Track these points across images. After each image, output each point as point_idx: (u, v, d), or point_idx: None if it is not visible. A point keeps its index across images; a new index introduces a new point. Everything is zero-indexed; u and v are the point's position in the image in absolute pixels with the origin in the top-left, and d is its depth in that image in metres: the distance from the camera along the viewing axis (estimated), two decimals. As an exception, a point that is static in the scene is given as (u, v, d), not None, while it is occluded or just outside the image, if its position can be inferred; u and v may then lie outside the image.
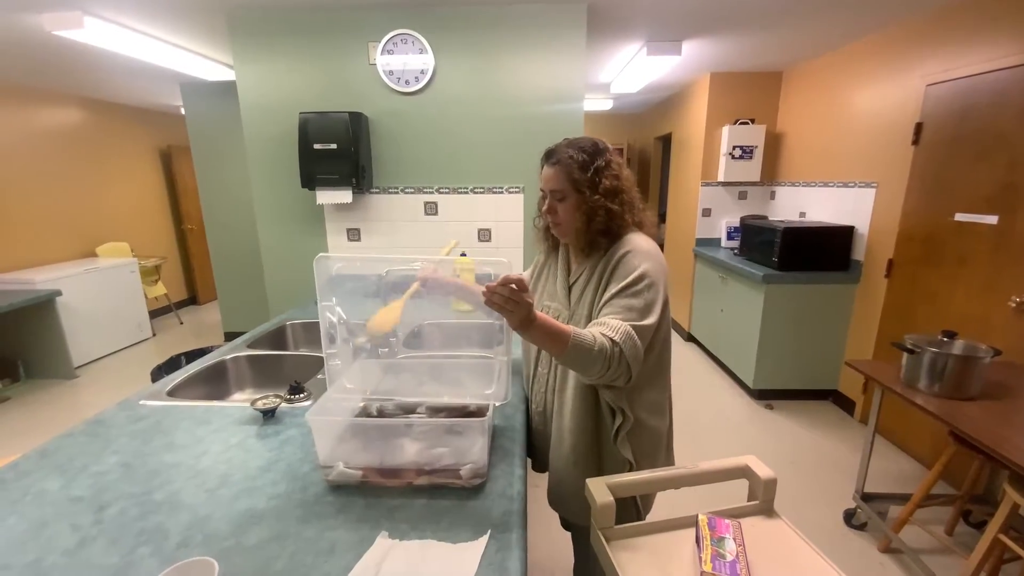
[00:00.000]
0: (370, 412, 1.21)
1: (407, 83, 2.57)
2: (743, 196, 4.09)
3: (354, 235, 2.80)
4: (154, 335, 4.71)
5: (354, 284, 1.39)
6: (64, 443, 1.16)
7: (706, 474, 0.95)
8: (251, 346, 1.83)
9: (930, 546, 1.96)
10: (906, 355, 1.78)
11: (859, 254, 3.00)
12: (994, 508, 1.60)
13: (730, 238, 4.08)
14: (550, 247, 1.29)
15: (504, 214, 2.74)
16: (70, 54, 3.03)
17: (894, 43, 2.72)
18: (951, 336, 1.75)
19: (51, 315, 3.58)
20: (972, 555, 1.57)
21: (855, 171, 3.03)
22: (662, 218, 5.28)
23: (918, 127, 2.53)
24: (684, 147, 4.48)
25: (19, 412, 3.25)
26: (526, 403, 1.35)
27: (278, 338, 2.03)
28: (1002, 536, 1.52)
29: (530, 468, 1.27)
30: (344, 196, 2.58)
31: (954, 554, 1.90)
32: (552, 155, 1.13)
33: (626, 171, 1.15)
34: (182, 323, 5.18)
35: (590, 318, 1.10)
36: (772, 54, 3.33)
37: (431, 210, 2.75)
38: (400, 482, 0.98)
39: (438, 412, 1.20)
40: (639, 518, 1.19)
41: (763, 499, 0.93)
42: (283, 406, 1.32)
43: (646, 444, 1.14)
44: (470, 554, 0.80)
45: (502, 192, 2.71)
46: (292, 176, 2.59)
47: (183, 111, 4.26)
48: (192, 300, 5.86)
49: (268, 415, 1.28)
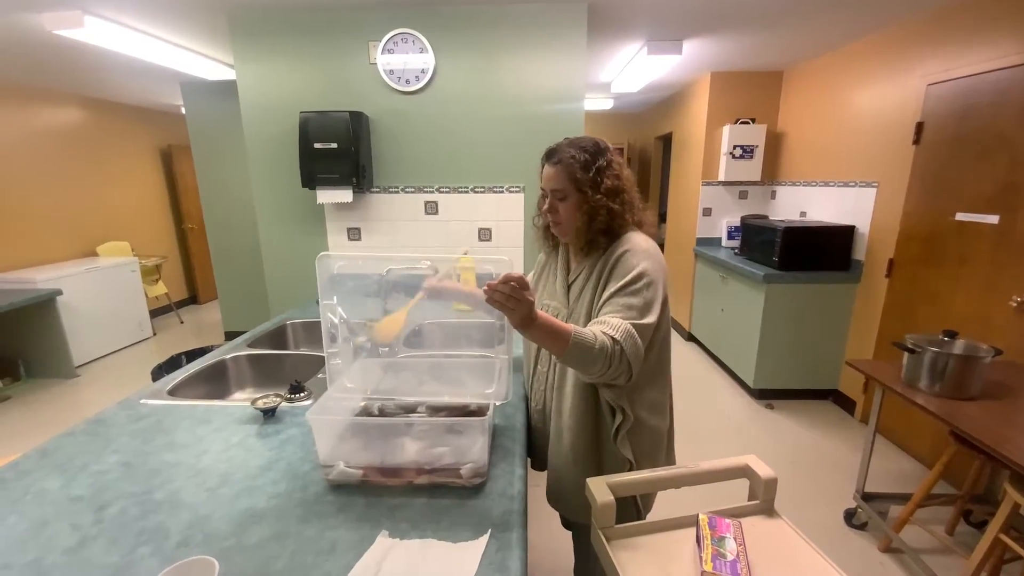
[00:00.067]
0: (371, 411, 1.21)
1: (407, 82, 2.57)
2: (744, 196, 4.09)
3: (354, 234, 2.80)
4: (155, 334, 4.72)
5: (355, 283, 1.39)
6: (64, 442, 1.16)
7: (706, 474, 0.95)
8: (251, 345, 1.83)
9: (931, 546, 1.96)
10: (907, 355, 1.78)
11: (860, 254, 3.00)
12: (995, 508, 1.60)
13: (731, 238, 4.08)
14: (550, 247, 1.29)
15: (505, 213, 2.74)
16: (70, 53, 3.03)
17: (895, 43, 2.71)
18: (952, 336, 1.75)
19: (52, 314, 3.58)
20: (973, 555, 1.57)
21: (856, 171, 3.03)
22: (663, 218, 5.28)
23: (919, 127, 2.53)
24: (685, 147, 4.48)
25: (20, 411, 3.25)
26: (526, 402, 1.35)
27: (278, 337, 2.04)
28: (1003, 536, 1.52)
29: (529, 467, 1.27)
30: (344, 195, 2.58)
31: (955, 554, 1.90)
32: (553, 154, 1.12)
33: (626, 171, 1.15)
34: (183, 322, 5.18)
35: (589, 317, 1.10)
36: (773, 54, 3.33)
37: (432, 209, 2.75)
38: (400, 481, 0.98)
39: (438, 411, 1.20)
40: (639, 518, 1.19)
41: (764, 499, 0.93)
42: (283, 405, 1.32)
43: (646, 443, 1.14)
44: (470, 553, 0.80)
45: (503, 191, 2.71)
46: (292, 175, 2.59)
47: (183, 110, 4.26)
48: (193, 299, 5.87)
49: (268, 414, 1.28)
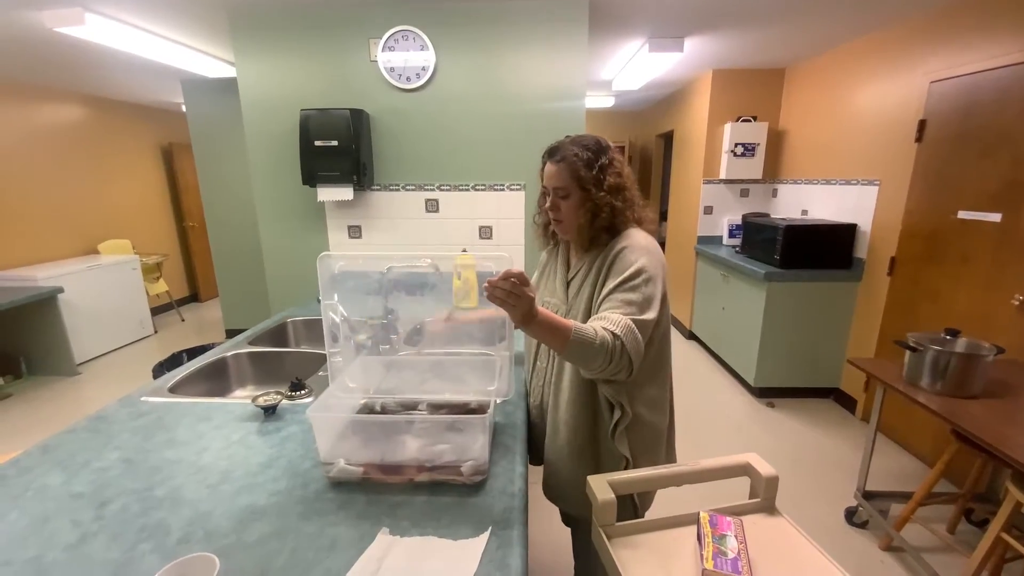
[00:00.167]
0: (373, 408, 1.21)
1: (408, 80, 2.57)
2: (745, 194, 4.08)
3: (355, 232, 2.80)
4: (156, 332, 4.72)
5: (356, 282, 1.39)
6: (66, 439, 1.16)
7: (707, 472, 0.95)
8: (252, 343, 1.84)
9: (932, 544, 1.96)
10: (908, 353, 1.77)
11: (861, 252, 2.99)
12: (996, 507, 1.60)
13: (732, 236, 4.07)
14: (551, 245, 1.29)
15: (505, 211, 2.74)
16: (71, 51, 3.02)
17: (897, 40, 2.70)
18: (954, 334, 1.74)
19: (53, 312, 3.59)
20: (974, 553, 1.56)
21: (858, 168, 3.02)
22: (664, 216, 5.27)
23: (921, 124, 2.52)
24: (686, 145, 4.47)
25: (21, 408, 3.26)
26: (526, 400, 1.35)
27: (279, 335, 2.04)
28: (1004, 535, 1.51)
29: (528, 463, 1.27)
30: (345, 193, 2.57)
31: (956, 552, 1.90)
32: (555, 152, 1.12)
33: (627, 168, 1.16)
34: (183, 320, 5.19)
35: (588, 313, 1.10)
36: (775, 51, 3.32)
37: (432, 207, 2.75)
38: (401, 479, 0.98)
39: (439, 409, 1.20)
40: (636, 516, 1.19)
41: (764, 497, 0.93)
42: (284, 403, 1.32)
43: (645, 440, 1.14)
44: (471, 551, 0.80)
45: (503, 189, 2.71)
46: (293, 173, 2.59)
47: (184, 108, 4.26)
48: (193, 297, 5.87)
49: (269, 412, 1.28)
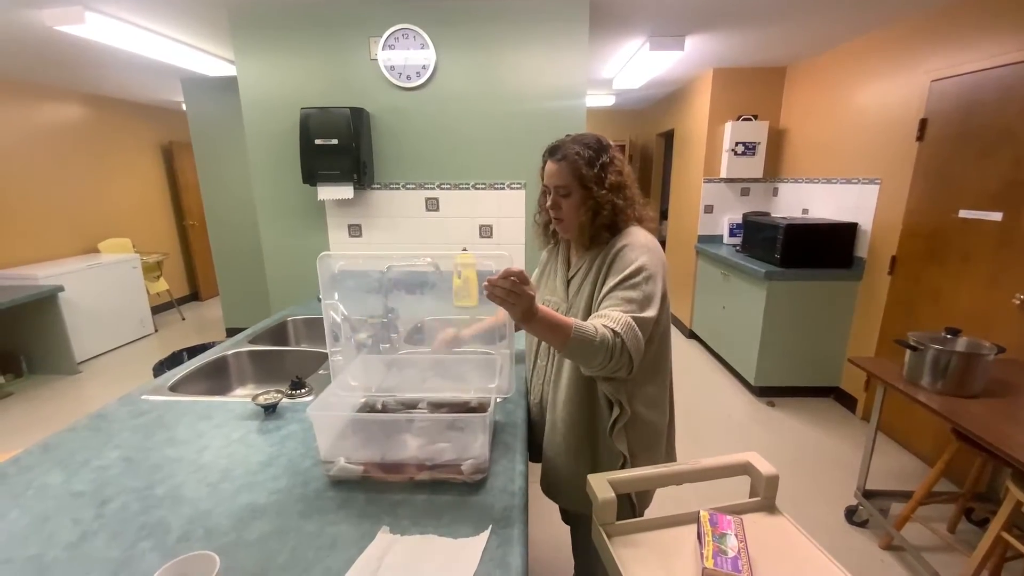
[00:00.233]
0: (373, 407, 1.21)
1: (408, 78, 2.56)
2: (745, 193, 4.07)
3: (355, 231, 2.80)
4: (156, 331, 4.72)
5: (356, 281, 1.39)
6: (66, 438, 1.16)
7: (708, 470, 0.95)
8: (252, 342, 1.84)
9: (932, 543, 1.96)
10: (909, 352, 1.77)
11: (862, 251, 2.99)
12: (996, 506, 1.60)
13: (732, 235, 4.07)
14: (551, 243, 1.29)
15: (506, 210, 2.73)
16: (71, 50, 3.02)
17: (898, 39, 2.70)
18: (954, 333, 1.74)
19: (53, 311, 3.59)
20: (974, 553, 1.56)
21: (859, 167, 3.01)
22: (664, 215, 5.27)
23: (922, 123, 2.52)
24: (686, 143, 4.46)
25: (22, 407, 3.26)
26: (527, 398, 1.35)
27: (279, 334, 2.04)
28: (1005, 534, 1.51)
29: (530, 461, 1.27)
30: (345, 192, 2.57)
31: (956, 552, 1.90)
32: (557, 151, 1.12)
33: (627, 167, 1.16)
34: (184, 319, 5.19)
35: (588, 311, 1.10)
36: (776, 50, 3.31)
37: (432, 206, 2.75)
38: (401, 477, 0.98)
39: (439, 408, 1.20)
40: (634, 514, 1.19)
41: (765, 496, 0.93)
42: (284, 401, 1.32)
43: (644, 438, 1.14)
44: (471, 549, 0.80)
45: (504, 188, 2.70)
46: (293, 172, 2.59)
47: (184, 107, 4.26)
48: (194, 296, 5.87)
49: (269, 410, 1.28)
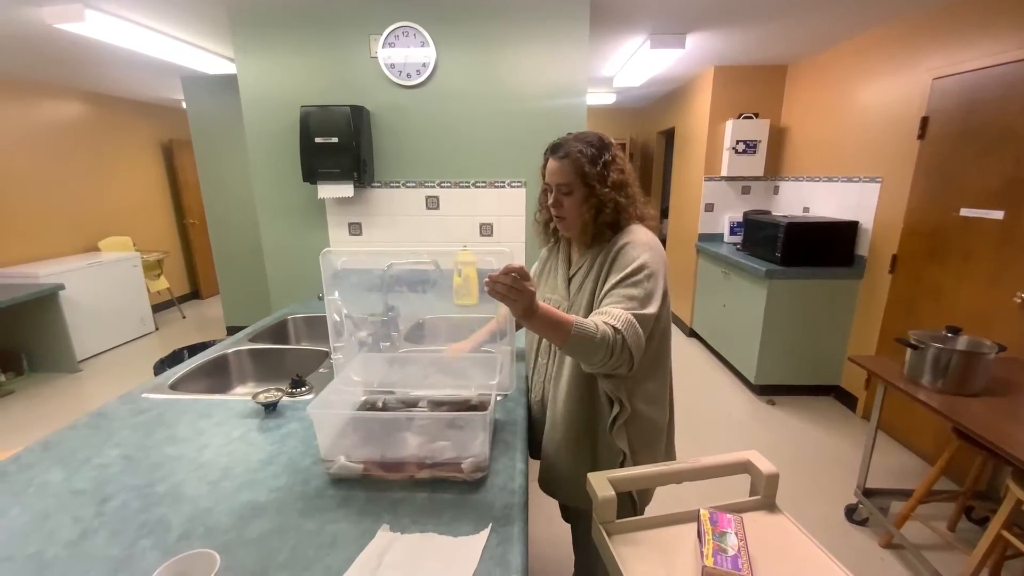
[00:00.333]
0: (374, 405, 1.21)
1: (408, 76, 2.56)
2: (746, 191, 4.07)
3: (355, 229, 2.80)
4: (157, 329, 4.73)
5: (357, 279, 1.39)
6: (67, 436, 1.16)
7: (708, 469, 0.95)
8: (253, 340, 1.84)
9: (932, 542, 1.96)
10: (910, 351, 1.77)
11: (863, 249, 2.98)
12: (997, 504, 1.60)
13: (733, 233, 4.06)
14: (551, 241, 1.29)
15: (506, 208, 2.73)
16: (71, 47, 3.02)
17: (900, 37, 2.69)
18: (955, 332, 1.74)
19: (54, 309, 3.59)
20: (975, 551, 1.56)
21: (860, 166, 3.01)
22: (664, 213, 5.26)
23: (924, 121, 2.51)
24: (687, 142, 4.45)
25: (22, 405, 3.26)
26: (527, 397, 1.35)
27: (279, 332, 2.04)
28: (1005, 532, 1.51)
29: (530, 460, 1.27)
30: (345, 190, 2.57)
31: (956, 550, 1.90)
32: (559, 149, 1.12)
33: (628, 165, 1.16)
34: (184, 317, 5.19)
35: (590, 309, 1.10)
36: (777, 47, 3.31)
37: (432, 204, 2.74)
38: (402, 476, 0.98)
39: (440, 406, 1.20)
40: (635, 511, 1.20)
41: (765, 494, 0.93)
42: (285, 400, 1.32)
43: (644, 435, 1.14)
44: (471, 547, 0.80)
45: (504, 186, 2.70)
46: (293, 170, 2.59)
47: (184, 105, 4.25)
48: (194, 294, 5.87)
49: (270, 409, 1.28)
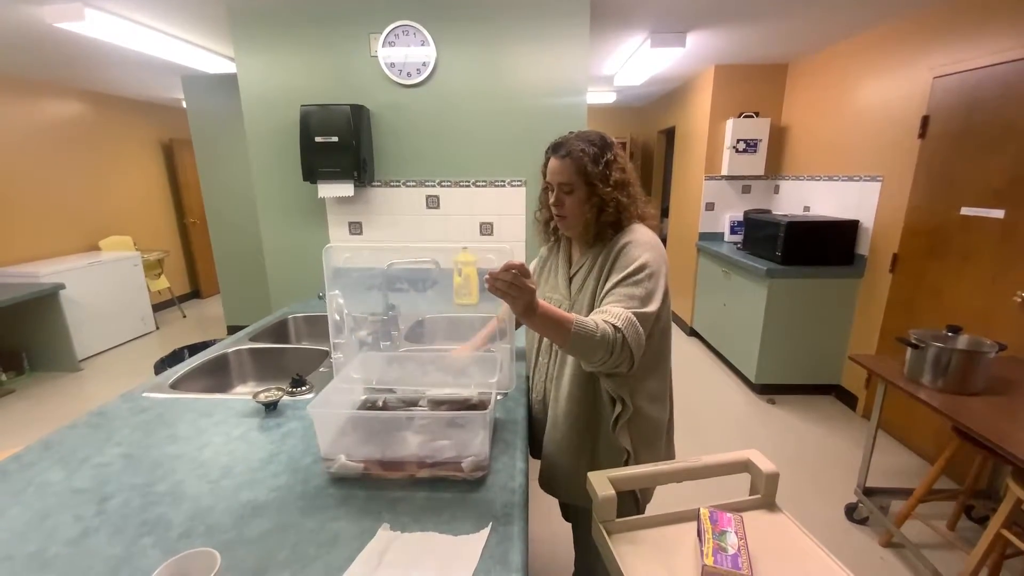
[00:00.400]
0: (376, 404, 1.21)
1: (409, 75, 2.56)
2: (747, 190, 4.06)
3: (356, 228, 2.80)
4: (157, 328, 4.73)
5: (357, 277, 1.39)
6: (67, 435, 1.16)
7: (708, 468, 0.95)
8: (253, 339, 1.84)
9: (932, 541, 1.96)
10: (910, 350, 1.77)
11: (863, 248, 2.98)
12: (997, 503, 1.60)
13: (733, 232, 4.06)
14: (551, 240, 1.29)
15: (506, 208, 2.73)
16: (71, 47, 3.02)
17: (901, 35, 2.69)
18: (956, 331, 1.74)
19: (55, 308, 3.59)
20: (975, 550, 1.56)
21: (860, 165, 3.01)
22: (665, 212, 5.26)
23: (924, 120, 2.51)
24: (687, 141, 4.45)
25: (23, 404, 3.27)
26: (527, 396, 1.35)
27: (280, 331, 2.04)
28: (1005, 531, 1.51)
29: (531, 459, 1.27)
30: (346, 189, 2.57)
31: (956, 549, 1.90)
32: (560, 147, 1.12)
33: (629, 164, 1.16)
34: (185, 316, 5.19)
35: (591, 308, 1.10)
36: (777, 46, 3.30)
37: (433, 203, 2.74)
38: (402, 475, 0.98)
39: (440, 405, 1.20)
40: (638, 510, 1.20)
41: (765, 493, 0.93)
42: (285, 399, 1.32)
43: (645, 433, 1.15)
44: (472, 546, 0.80)
45: (504, 185, 2.70)
46: (294, 169, 2.59)
47: (184, 104, 4.25)
48: (195, 294, 5.88)
49: (270, 408, 1.28)
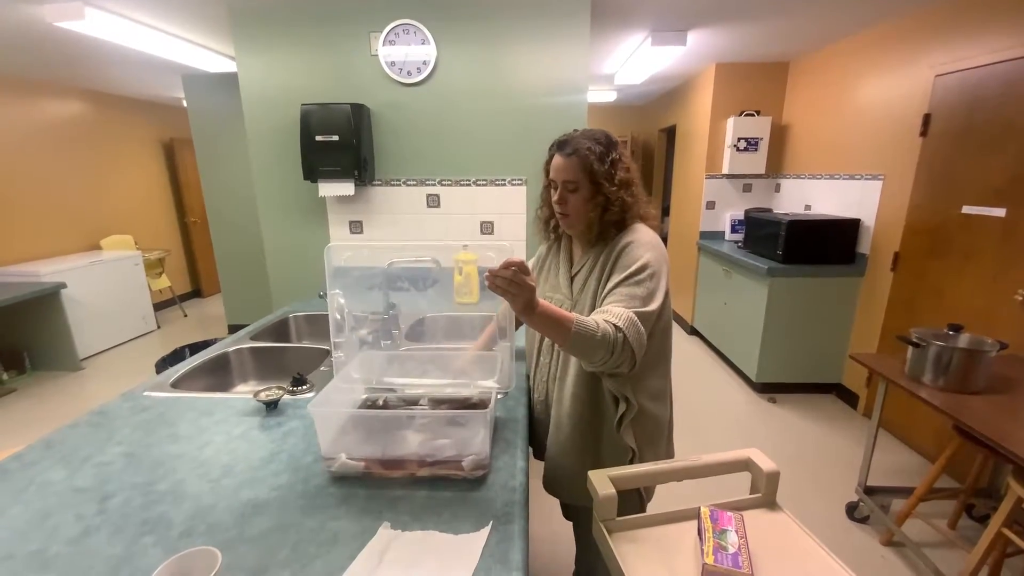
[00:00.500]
0: (375, 403, 1.21)
1: (409, 74, 2.55)
2: (748, 189, 4.06)
3: (356, 227, 2.80)
4: (158, 327, 4.74)
5: (359, 274, 1.39)
6: (68, 434, 1.16)
7: (709, 467, 0.95)
8: (254, 338, 1.84)
9: (933, 540, 1.96)
10: (911, 348, 1.77)
11: (865, 247, 2.98)
12: (997, 502, 1.60)
13: (734, 231, 4.06)
14: (551, 239, 1.29)
15: (507, 206, 2.73)
16: (71, 46, 3.01)
17: (902, 33, 2.68)
18: (957, 329, 1.73)
19: (56, 307, 3.60)
20: (975, 549, 1.56)
21: (862, 163, 3.00)
22: (666, 211, 5.25)
23: (926, 118, 2.50)
24: (688, 139, 4.44)
25: (25, 403, 3.28)
26: (528, 395, 1.35)
27: (281, 330, 2.04)
28: (1005, 530, 1.51)
29: (532, 458, 1.27)
30: (346, 188, 2.57)
31: (957, 548, 1.90)
32: (566, 145, 1.11)
33: (633, 164, 1.16)
34: (186, 316, 5.20)
35: (593, 308, 1.10)
36: (778, 44, 3.29)
37: (433, 202, 2.74)
38: (402, 473, 0.99)
39: (440, 404, 1.20)
40: (642, 506, 1.20)
41: (765, 492, 0.93)
42: (286, 398, 1.32)
43: (649, 431, 1.15)
44: (472, 545, 0.80)
45: (504, 184, 2.70)
46: (294, 168, 2.58)
47: (185, 103, 4.25)
48: (196, 293, 5.88)
49: (271, 407, 1.28)
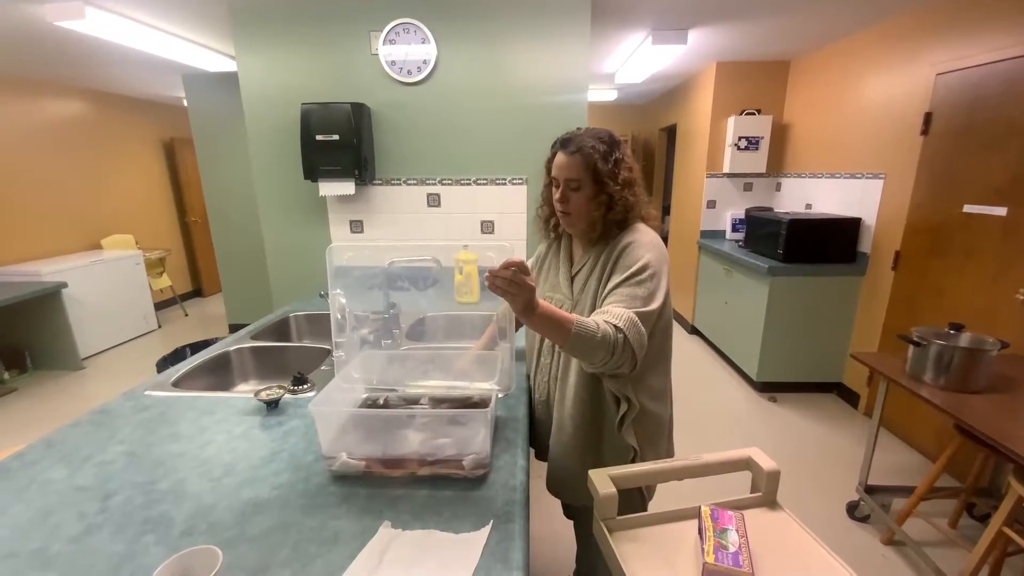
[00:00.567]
0: (376, 403, 1.21)
1: (409, 73, 2.55)
2: (748, 188, 4.05)
3: (357, 227, 2.80)
4: (159, 327, 4.74)
5: (359, 274, 1.39)
6: (70, 433, 1.17)
7: (709, 466, 0.95)
8: (255, 338, 1.84)
9: (933, 539, 1.96)
10: (912, 347, 1.77)
11: (865, 246, 2.97)
12: (998, 501, 1.60)
13: (735, 230, 4.05)
14: (551, 237, 1.29)
15: (507, 206, 2.73)
16: (72, 45, 3.01)
17: (904, 31, 2.67)
18: (958, 329, 1.73)
19: (57, 307, 3.60)
20: (976, 548, 1.56)
21: (863, 162, 3.00)
22: (666, 210, 5.25)
23: (927, 117, 2.50)
24: (689, 138, 4.44)
25: (26, 403, 3.28)
26: (528, 394, 1.35)
27: (281, 330, 2.04)
28: (1006, 529, 1.51)
29: (533, 457, 1.27)
30: (347, 188, 2.57)
31: (958, 547, 1.90)
32: (569, 143, 1.10)
33: (636, 164, 1.16)
34: (187, 315, 5.20)
35: (594, 308, 1.10)
36: (779, 43, 3.29)
37: (434, 202, 2.74)
38: (403, 472, 0.99)
39: (441, 403, 1.20)
40: (644, 505, 1.20)
41: (766, 491, 0.93)
42: (287, 397, 1.32)
43: (649, 431, 1.15)
44: (472, 544, 0.80)
45: (505, 184, 2.70)
46: (294, 168, 2.58)
47: (185, 102, 4.25)
48: (197, 292, 5.89)
49: (272, 406, 1.28)
